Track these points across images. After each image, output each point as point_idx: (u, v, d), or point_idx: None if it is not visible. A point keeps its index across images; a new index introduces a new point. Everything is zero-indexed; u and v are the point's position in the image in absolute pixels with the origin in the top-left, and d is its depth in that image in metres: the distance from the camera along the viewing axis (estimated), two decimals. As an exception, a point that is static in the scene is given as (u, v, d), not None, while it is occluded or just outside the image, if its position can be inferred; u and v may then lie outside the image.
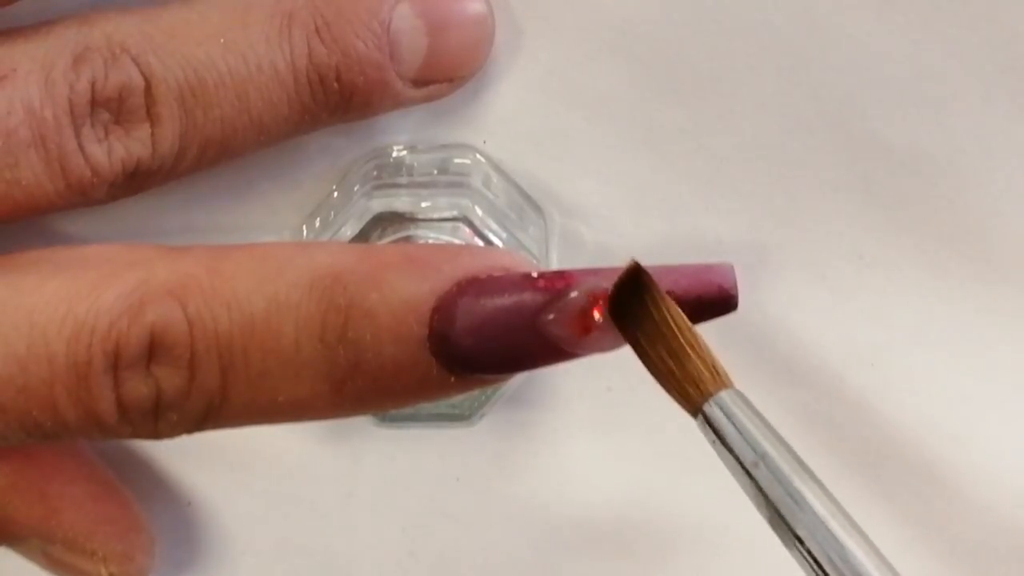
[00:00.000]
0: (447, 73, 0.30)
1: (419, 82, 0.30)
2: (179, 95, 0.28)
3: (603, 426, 0.33)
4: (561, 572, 0.34)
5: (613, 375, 0.33)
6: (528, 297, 0.26)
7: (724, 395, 0.25)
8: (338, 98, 0.29)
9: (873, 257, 0.32)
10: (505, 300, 0.26)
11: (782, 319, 0.32)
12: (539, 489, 0.34)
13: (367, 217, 0.30)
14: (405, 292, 0.26)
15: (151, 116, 0.28)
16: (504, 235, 0.30)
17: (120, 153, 0.28)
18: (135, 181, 0.29)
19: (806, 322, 0.32)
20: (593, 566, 0.34)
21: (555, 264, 0.32)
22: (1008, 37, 0.31)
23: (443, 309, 0.26)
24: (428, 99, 0.30)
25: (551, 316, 0.26)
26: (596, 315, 0.26)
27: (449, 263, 0.26)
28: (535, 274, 0.26)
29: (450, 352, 0.26)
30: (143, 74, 0.28)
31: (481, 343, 0.26)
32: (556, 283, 0.26)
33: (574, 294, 0.26)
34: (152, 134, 0.28)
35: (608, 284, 0.26)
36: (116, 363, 0.27)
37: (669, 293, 0.26)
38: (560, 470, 0.34)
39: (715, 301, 0.26)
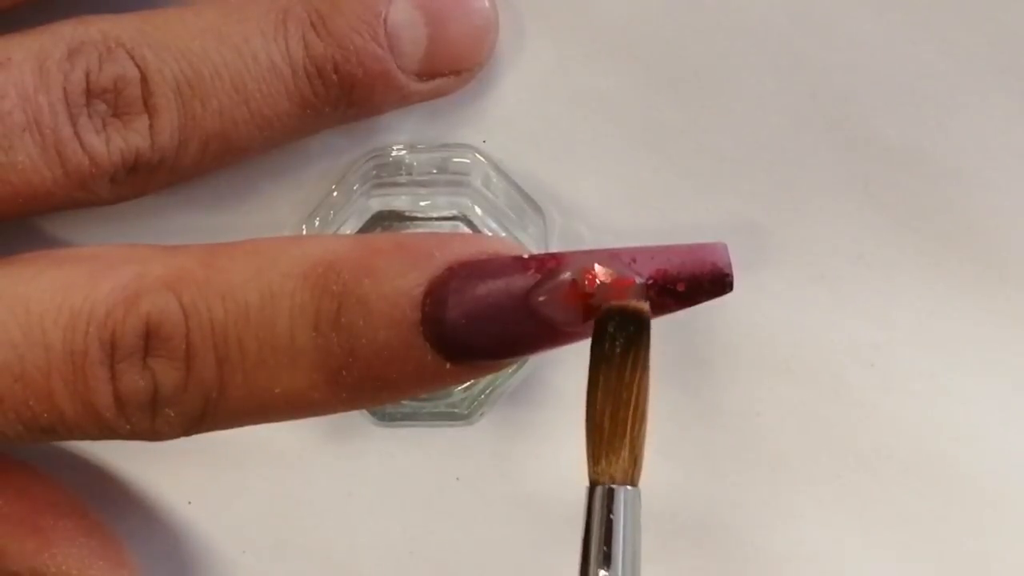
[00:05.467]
0: (451, 65, 0.30)
1: (424, 75, 0.30)
2: (175, 87, 0.28)
3: (603, 426, 0.33)
4: (561, 572, 0.34)
5: (613, 375, 0.33)
6: (519, 278, 0.26)
7: (627, 491, 0.26)
8: (338, 91, 0.29)
9: (873, 257, 0.32)
10: (496, 282, 0.26)
11: (782, 319, 0.32)
12: (539, 489, 0.34)
13: (367, 216, 0.30)
14: (397, 277, 0.26)
15: (148, 108, 0.28)
16: (504, 235, 0.30)
17: (119, 143, 0.28)
18: (138, 177, 0.29)
19: (806, 322, 0.32)
20: (593, 566, 0.34)
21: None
22: (1008, 37, 0.31)
23: (435, 293, 0.26)
24: (435, 94, 0.30)
25: (543, 297, 0.26)
26: (588, 285, 0.26)
27: (440, 249, 0.27)
28: (526, 256, 0.26)
29: (444, 336, 0.26)
30: (138, 66, 0.28)
31: (474, 326, 0.26)
32: (547, 263, 0.26)
33: (566, 274, 0.26)
34: (151, 126, 0.28)
35: (599, 264, 0.26)
36: (112, 354, 0.27)
37: (662, 272, 0.26)
38: (560, 470, 0.33)
39: (709, 280, 0.26)
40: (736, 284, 0.27)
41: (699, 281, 0.26)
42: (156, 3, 0.30)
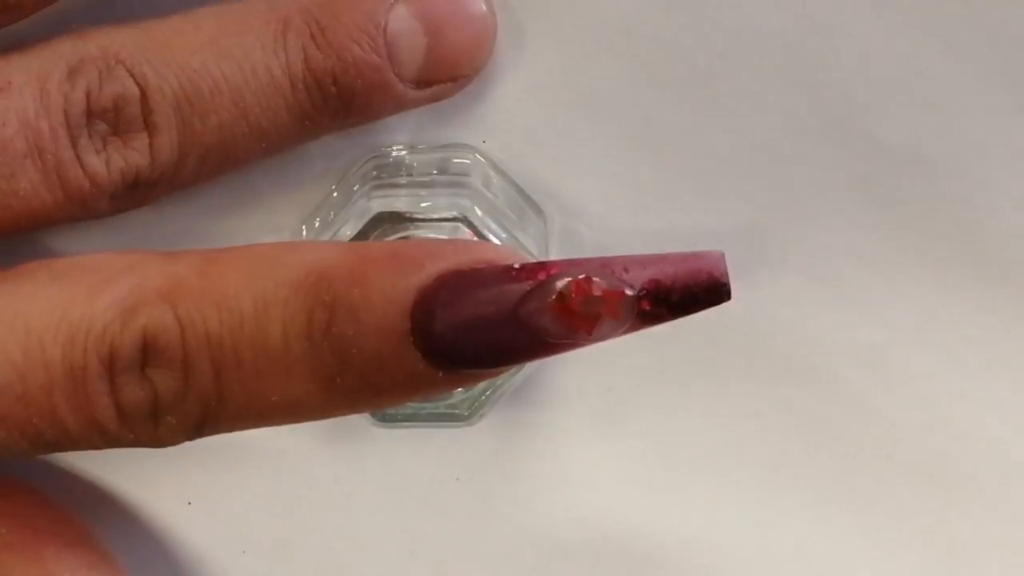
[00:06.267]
0: (448, 73, 0.30)
1: (421, 83, 0.30)
2: (175, 104, 0.28)
3: (604, 426, 0.33)
4: (561, 572, 0.34)
5: (614, 375, 0.33)
6: (508, 289, 0.26)
7: None
8: (337, 102, 0.29)
9: (873, 257, 0.32)
10: (485, 293, 0.26)
11: (782, 319, 0.32)
12: (539, 489, 0.34)
13: (367, 217, 0.30)
14: (387, 287, 0.26)
15: (148, 126, 0.28)
16: (504, 235, 0.30)
17: (118, 163, 0.28)
18: (136, 192, 0.29)
19: (806, 322, 0.32)
20: (593, 566, 0.34)
21: (554, 264, 0.32)
22: (1008, 37, 0.31)
23: (424, 303, 0.26)
24: (432, 100, 0.30)
25: (532, 308, 0.26)
26: (576, 304, 0.26)
27: (431, 258, 0.26)
28: (517, 265, 0.26)
29: (433, 346, 0.26)
30: (138, 84, 0.28)
31: (462, 337, 0.26)
32: (537, 274, 0.26)
33: (556, 284, 0.26)
34: (150, 144, 0.28)
35: (589, 274, 0.26)
36: (111, 367, 0.27)
37: (654, 283, 0.26)
38: (560, 470, 0.34)
39: (705, 290, 0.26)
40: (736, 285, 0.26)
41: (693, 291, 0.26)
42: (156, 4, 0.30)
